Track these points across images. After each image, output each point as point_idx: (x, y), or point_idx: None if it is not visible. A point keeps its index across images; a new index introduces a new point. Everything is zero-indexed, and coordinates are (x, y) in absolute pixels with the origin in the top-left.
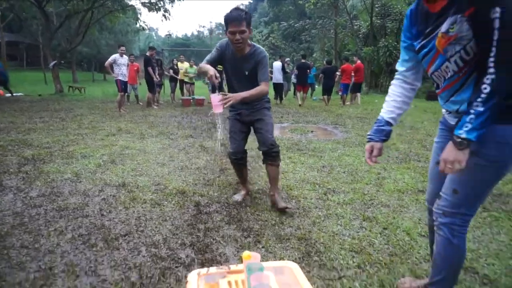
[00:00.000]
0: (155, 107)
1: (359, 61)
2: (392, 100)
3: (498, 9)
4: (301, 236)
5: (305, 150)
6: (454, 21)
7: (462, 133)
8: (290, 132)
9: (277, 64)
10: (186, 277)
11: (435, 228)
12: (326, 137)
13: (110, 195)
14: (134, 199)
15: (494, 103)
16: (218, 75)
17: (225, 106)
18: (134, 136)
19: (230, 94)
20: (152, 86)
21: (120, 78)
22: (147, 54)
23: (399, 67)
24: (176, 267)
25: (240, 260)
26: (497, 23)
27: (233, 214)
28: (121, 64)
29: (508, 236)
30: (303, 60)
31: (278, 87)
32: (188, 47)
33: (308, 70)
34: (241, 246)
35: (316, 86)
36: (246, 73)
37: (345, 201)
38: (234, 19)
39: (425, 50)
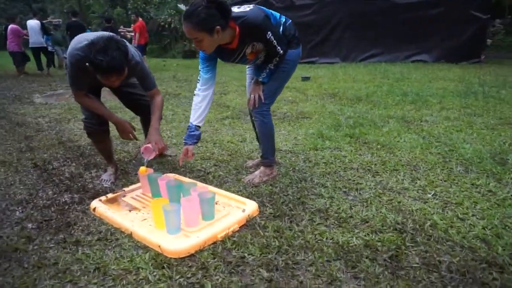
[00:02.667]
0: None
1: (140, 19)
2: (198, 108)
3: (269, 33)
4: (164, 160)
5: None
6: (252, 45)
7: (260, 78)
8: (72, 96)
9: (33, 23)
10: (89, 207)
11: (253, 118)
12: None
13: None
14: None
15: (275, 65)
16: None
17: (157, 152)
18: None
19: (152, 139)
20: None
21: None
22: None
23: (199, 85)
24: (69, 207)
25: (122, 187)
26: (272, 38)
27: (84, 162)
28: None
29: (304, 131)
30: (74, 19)
31: (40, 52)
32: None
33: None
34: (115, 180)
35: None
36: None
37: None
38: (115, 70)
39: (242, 61)
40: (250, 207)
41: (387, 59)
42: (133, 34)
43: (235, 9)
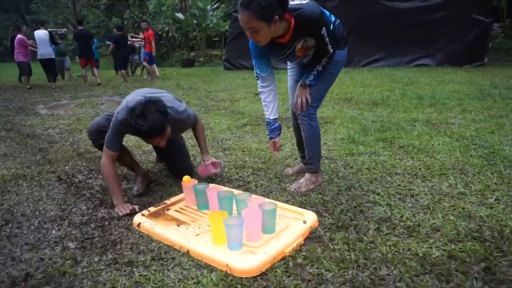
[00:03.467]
0: None
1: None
2: (268, 103)
3: (323, 29)
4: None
5: None
6: (304, 40)
7: (307, 80)
8: (78, 107)
9: (41, 33)
10: (132, 223)
11: (299, 121)
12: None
13: None
14: None
15: (323, 67)
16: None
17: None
18: None
19: (208, 158)
20: None
21: None
22: None
23: (261, 82)
24: (109, 223)
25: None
26: (325, 35)
27: None
28: None
29: None
30: (80, 27)
31: (48, 65)
32: None
33: (91, 41)
34: (144, 190)
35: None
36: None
37: None
38: (157, 132)
39: (290, 57)
40: (310, 217)
41: (390, 64)
42: (142, 43)
43: (290, 2)
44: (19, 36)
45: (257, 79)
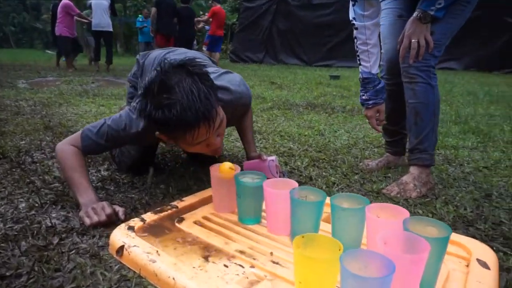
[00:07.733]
0: None
1: (219, 5)
2: (373, 46)
3: None
4: None
5: None
6: None
7: (431, 10)
8: (65, 84)
9: None
10: (108, 244)
11: (405, 80)
12: None
13: None
14: None
15: None
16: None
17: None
18: None
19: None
20: None
21: None
22: None
23: (360, 10)
24: (59, 241)
25: (163, 200)
26: None
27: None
28: None
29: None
30: None
31: (104, 38)
32: None
33: (175, 14)
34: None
35: None
36: None
37: None
38: (202, 116)
39: None
40: (484, 254)
41: None
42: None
43: None
44: (64, 1)
45: (353, 5)
